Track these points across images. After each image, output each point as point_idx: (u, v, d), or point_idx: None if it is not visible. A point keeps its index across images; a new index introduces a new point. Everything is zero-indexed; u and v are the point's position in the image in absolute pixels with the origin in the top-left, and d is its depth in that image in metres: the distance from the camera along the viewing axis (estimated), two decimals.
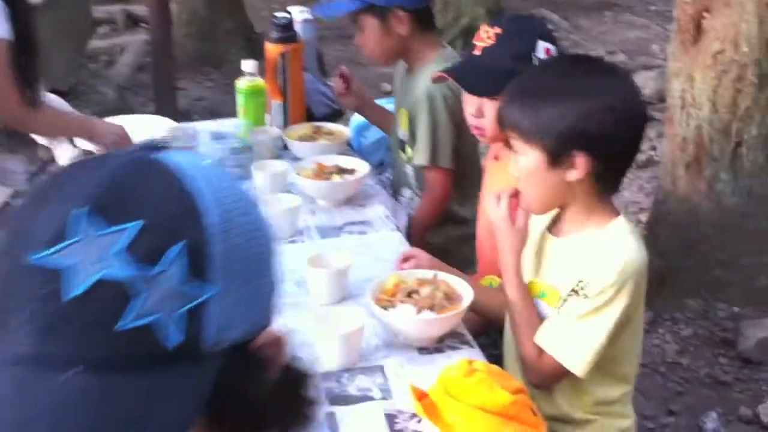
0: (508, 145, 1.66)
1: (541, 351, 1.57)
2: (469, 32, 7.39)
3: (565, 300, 1.56)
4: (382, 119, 2.76)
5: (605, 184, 1.56)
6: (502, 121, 1.61)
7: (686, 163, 3.27)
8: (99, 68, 6.64)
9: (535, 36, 1.92)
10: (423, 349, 1.58)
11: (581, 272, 1.53)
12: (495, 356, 1.67)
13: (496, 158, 2.04)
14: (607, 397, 1.64)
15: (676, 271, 3.32)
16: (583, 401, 1.63)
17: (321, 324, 1.54)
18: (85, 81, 5.72)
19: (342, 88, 2.64)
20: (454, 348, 1.59)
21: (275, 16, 2.63)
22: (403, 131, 2.51)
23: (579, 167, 1.50)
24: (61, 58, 5.47)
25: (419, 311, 1.59)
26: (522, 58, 1.87)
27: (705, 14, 3.20)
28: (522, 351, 1.62)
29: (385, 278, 1.70)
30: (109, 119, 2.85)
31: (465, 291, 1.64)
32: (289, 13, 2.73)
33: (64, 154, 2.53)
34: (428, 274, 1.70)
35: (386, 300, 1.63)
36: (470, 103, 1.96)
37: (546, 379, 1.61)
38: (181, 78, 6.35)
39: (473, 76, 1.94)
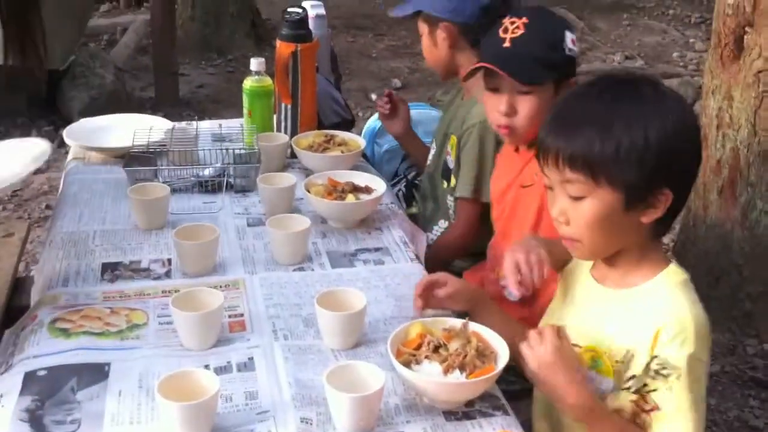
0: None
1: None
2: None
3: (645, 386, 1.35)
4: (419, 153, 2.61)
5: (665, 223, 1.39)
6: (556, 157, 1.38)
7: (719, 188, 3.07)
8: (98, 49, 6.40)
9: (562, 26, 1.87)
10: (450, 414, 1.38)
11: (645, 346, 1.34)
12: (509, 392, 1.48)
13: (516, 150, 1.96)
14: None
15: (703, 302, 3.12)
16: None
17: (334, 380, 1.33)
18: (83, 61, 5.48)
19: (386, 109, 2.48)
20: (485, 414, 1.38)
21: (288, 12, 2.41)
22: (451, 158, 2.33)
23: (661, 205, 1.33)
24: (60, 36, 5.25)
25: (447, 371, 1.38)
26: (554, 47, 1.82)
27: (747, 29, 2.99)
28: None
29: (407, 326, 1.48)
30: (104, 117, 2.65)
31: (500, 346, 1.44)
32: (303, 7, 2.51)
33: None
34: (457, 323, 1.49)
35: (409, 354, 1.42)
36: (501, 101, 1.85)
37: None
38: (182, 63, 6.13)
39: (511, 65, 1.82)
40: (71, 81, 5.32)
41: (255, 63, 2.38)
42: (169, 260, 1.85)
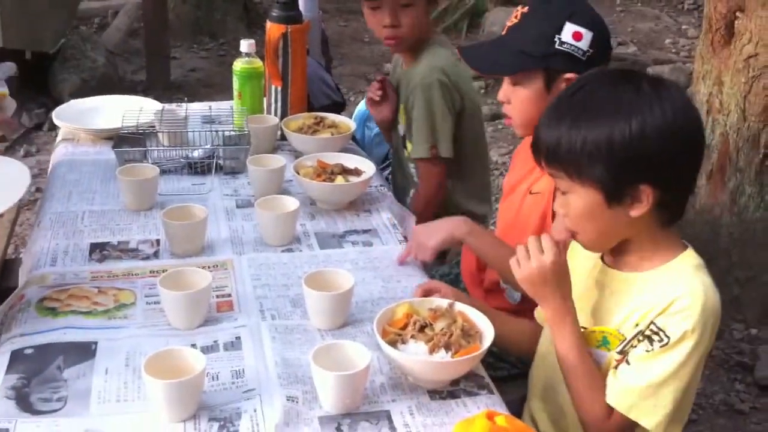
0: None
1: (609, 411, 1.39)
2: (475, 15, 7.17)
3: (632, 345, 1.38)
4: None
5: (671, 212, 1.39)
6: (540, 151, 1.41)
7: (708, 173, 3.08)
8: (89, 32, 6.37)
9: (563, 17, 1.75)
10: (435, 393, 1.39)
11: (652, 314, 1.35)
12: (495, 378, 1.49)
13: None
14: None
15: None
16: None
17: (320, 358, 1.34)
18: (74, 44, 5.45)
19: (377, 95, 2.46)
20: (470, 394, 1.39)
21: None
22: (402, 126, 2.37)
23: (644, 200, 1.33)
24: (51, 19, 5.22)
25: (432, 350, 1.38)
26: (542, 41, 1.74)
27: (738, 14, 3.00)
28: (583, 413, 1.43)
29: (394, 306, 1.49)
30: (93, 98, 2.65)
31: (485, 326, 1.44)
32: None
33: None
34: (443, 303, 1.50)
35: (395, 334, 1.43)
36: (502, 89, 1.84)
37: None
38: (174, 46, 6.10)
39: (489, 55, 1.84)
40: (62, 64, 5.29)
41: (245, 44, 2.38)
42: (158, 241, 1.85)
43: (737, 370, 2.90)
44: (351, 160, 2.13)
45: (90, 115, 2.50)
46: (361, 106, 2.99)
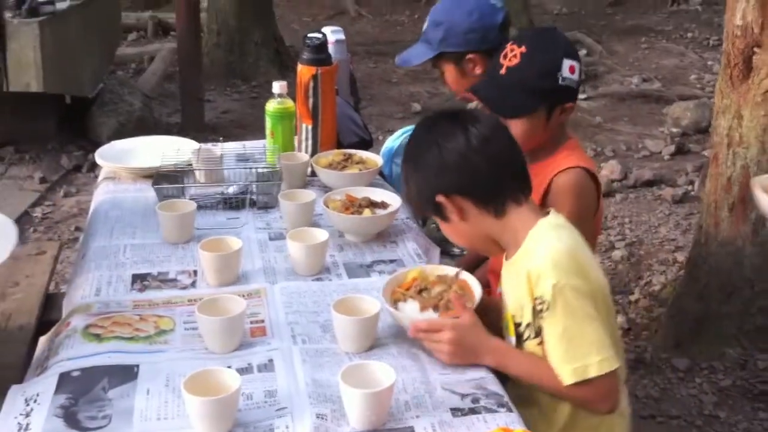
0: None
1: (579, 386, 1.53)
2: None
3: (535, 327, 1.57)
4: None
5: (494, 207, 1.62)
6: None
7: (730, 205, 3.13)
8: (126, 76, 6.60)
9: (560, 54, 1.96)
10: (457, 410, 1.46)
11: (530, 291, 1.56)
12: None
13: None
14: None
15: (715, 317, 3.19)
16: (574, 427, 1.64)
17: (347, 379, 1.42)
18: (112, 89, 5.67)
19: None
20: (490, 410, 1.46)
21: (308, 37, 2.53)
22: None
23: (448, 209, 1.63)
24: (90, 64, 5.43)
25: (423, 309, 1.62)
26: (547, 76, 1.94)
27: (756, 49, 3.07)
28: (576, 400, 1.59)
29: (406, 271, 1.76)
30: (132, 139, 2.78)
31: (479, 296, 1.67)
32: (323, 33, 2.63)
33: None
34: (452, 271, 1.73)
35: (400, 293, 1.68)
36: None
37: (611, 397, 1.58)
38: (208, 89, 6.30)
39: (500, 96, 1.99)
40: (100, 107, 5.49)
41: (277, 86, 2.50)
42: (195, 272, 1.95)
43: (761, 399, 2.93)
44: (378, 194, 2.22)
45: (130, 155, 2.63)
46: (389, 143, 3.10)
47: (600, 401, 1.57)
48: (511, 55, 1.96)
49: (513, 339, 1.64)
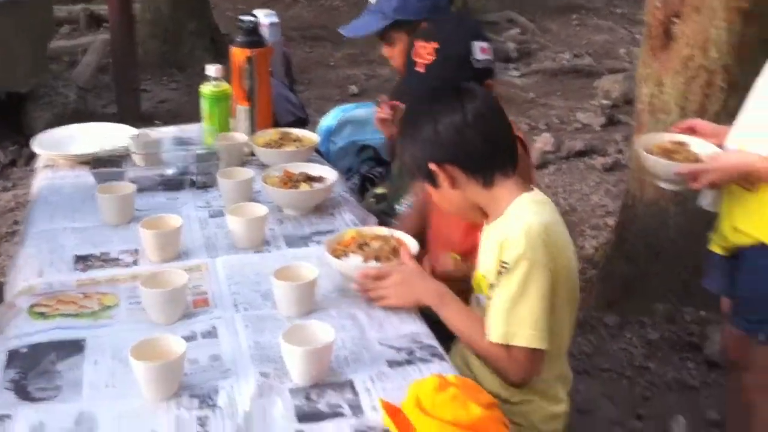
0: None
1: (506, 348, 1.64)
2: None
3: (491, 285, 1.68)
4: None
5: (483, 177, 1.72)
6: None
7: None
8: (60, 69, 6.52)
9: (468, 39, 2.05)
10: (393, 362, 1.55)
11: (500, 254, 1.65)
12: None
13: None
14: (539, 379, 1.72)
15: (643, 276, 3.34)
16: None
17: (289, 338, 1.49)
18: (46, 82, 5.60)
19: (389, 114, 2.65)
20: (425, 361, 1.56)
21: (241, 20, 2.58)
22: None
23: (440, 177, 1.71)
24: (23, 59, 5.36)
25: (366, 260, 1.79)
26: (463, 65, 2.03)
27: (675, 19, 3.21)
28: (490, 362, 1.68)
29: (344, 232, 1.93)
30: (69, 126, 2.79)
31: (412, 246, 1.86)
32: (255, 16, 2.68)
33: None
34: (385, 231, 1.92)
35: (341, 250, 1.84)
36: None
37: (525, 371, 1.67)
38: (144, 80, 6.26)
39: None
40: (34, 101, 5.43)
41: (212, 69, 2.54)
42: (137, 250, 2.00)
43: (688, 350, 3.09)
44: (315, 169, 2.29)
45: (67, 143, 2.64)
46: (325, 122, 3.17)
47: (512, 370, 1.66)
48: (425, 53, 2.02)
49: (483, 297, 1.74)
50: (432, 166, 1.71)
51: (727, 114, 3.20)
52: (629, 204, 3.47)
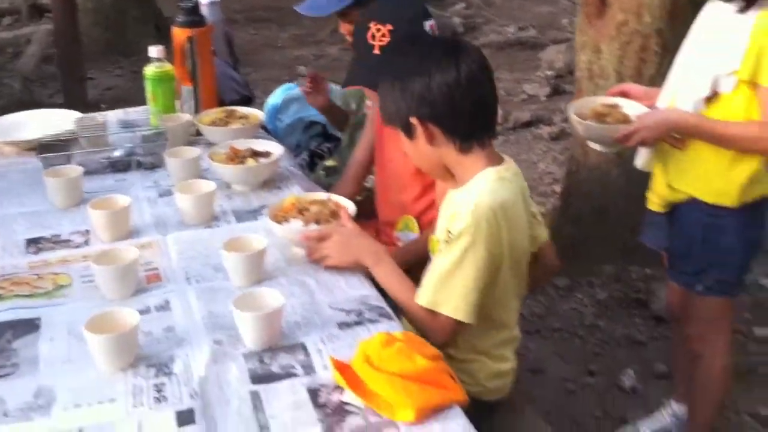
0: None
1: (431, 313, 1.69)
2: None
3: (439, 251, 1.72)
4: (338, 119, 2.88)
5: (461, 141, 1.71)
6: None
7: None
8: (4, 61, 6.43)
9: (420, 18, 2.09)
10: (343, 324, 1.60)
11: (449, 222, 1.70)
12: None
13: None
14: (485, 342, 1.77)
15: (590, 238, 3.43)
16: (463, 344, 1.76)
17: (240, 306, 1.54)
18: None
19: (309, 87, 2.70)
20: (373, 321, 1.61)
21: (181, 1, 2.59)
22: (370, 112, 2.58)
23: (418, 132, 1.70)
24: None
25: (307, 224, 1.86)
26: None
27: None
28: (416, 323, 1.73)
29: (283, 199, 1.99)
30: (16, 114, 2.78)
31: (350, 208, 1.94)
32: None
33: None
34: (323, 196, 2.00)
35: (282, 216, 1.90)
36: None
37: (445, 338, 1.71)
38: (89, 68, 6.20)
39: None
40: None
41: (154, 50, 2.55)
42: (87, 231, 2.02)
43: (635, 307, 3.20)
44: (261, 145, 2.33)
45: (12, 130, 2.64)
46: (272, 100, 3.20)
47: (433, 334, 1.69)
48: (379, 35, 2.06)
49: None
50: (414, 120, 1.69)
51: (662, 77, 3.25)
52: (573, 170, 3.55)
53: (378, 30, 2.07)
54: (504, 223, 1.66)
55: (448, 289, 1.66)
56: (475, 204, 1.63)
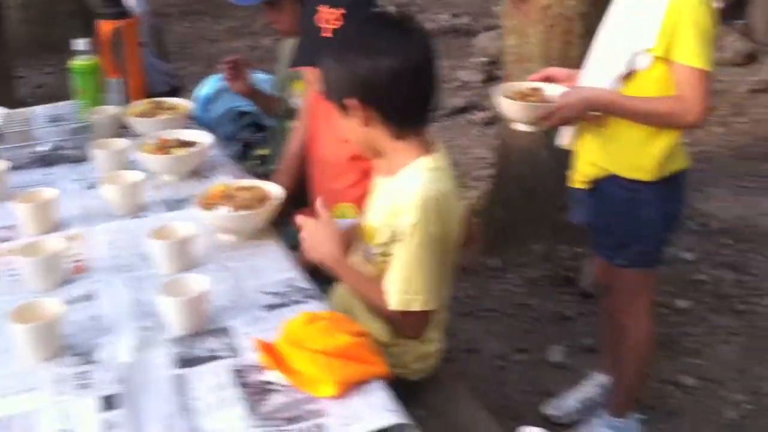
0: None
1: (404, 312, 1.70)
2: None
3: (385, 244, 1.71)
4: (266, 103, 2.87)
5: (397, 126, 1.70)
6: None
7: None
8: None
9: (370, 4, 2.11)
10: (269, 306, 1.63)
11: (394, 219, 1.68)
12: None
13: None
14: None
15: (519, 220, 3.51)
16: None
17: (166, 292, 1.55)
18: None
19: (230, 74, 2.69)
20: (299, 302, 1.64)
21: None
22: (296, 101, 2.60)
23: (355, 112, 1.67)
24: None
25: (237, 209, 1.86)
26: None
27: None
28: (392, 322, 1.75)
29: (211, 187, 2.00)
30: None
31: (277, 194, 1.95)
32: None
33: None
34: (253, 182, 2.02)
35: (210, 203, 1.90)
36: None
37: (421, 328, 1.76)
38: (18, 66, 6.08)
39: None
40: None
41: (80, 43, 2.54)
42: (14, 226, 2.01)
43: (564, 285, 3.28)
44: (189, 135, 2.33)
45: None
46: (203, 90, 3.20)
47: (410, 329, 1.76)
48: (332, 18, 2.04)
49: (371, 248, 1.76)
50: (352, 102, 1.67)
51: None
52: (504, 153, 3.62)
53: (331, 13, 2.05)
54: (446, 213, 1.68)
55: (414, 287, 1.68)
56: (422, 198, 1.63)
